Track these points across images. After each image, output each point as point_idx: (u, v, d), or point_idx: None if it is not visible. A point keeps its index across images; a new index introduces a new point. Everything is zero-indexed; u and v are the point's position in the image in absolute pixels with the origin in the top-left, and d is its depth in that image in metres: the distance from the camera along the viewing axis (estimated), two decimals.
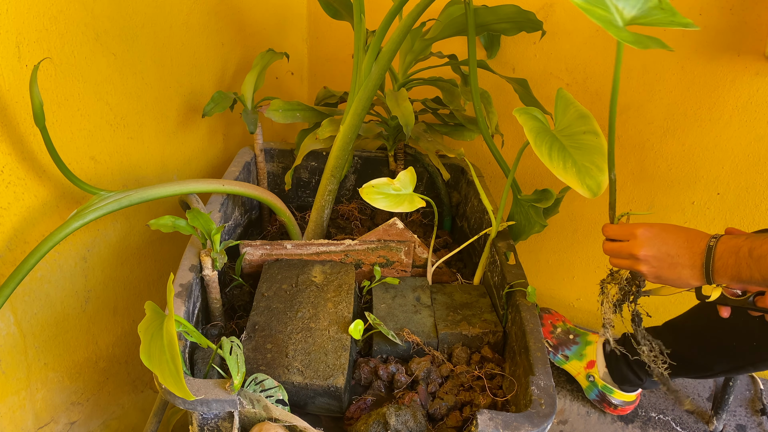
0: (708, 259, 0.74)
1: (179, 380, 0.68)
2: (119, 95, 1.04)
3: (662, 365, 0.85)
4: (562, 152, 0.84)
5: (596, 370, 1.27)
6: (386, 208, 1.00)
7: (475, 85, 1.04)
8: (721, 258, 0.73)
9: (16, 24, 0.82)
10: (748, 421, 1.31)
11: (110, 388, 1.21)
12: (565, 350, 1.33)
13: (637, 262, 0.78)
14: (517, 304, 0.94)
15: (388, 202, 1.00)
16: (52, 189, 0.95)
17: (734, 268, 0.72)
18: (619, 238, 0.81)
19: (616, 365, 1.24)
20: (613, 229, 0.82)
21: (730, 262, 0.72)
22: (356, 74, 1.06)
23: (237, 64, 1.35)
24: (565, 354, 1.33)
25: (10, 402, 0.99)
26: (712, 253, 0.74)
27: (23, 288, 0.95)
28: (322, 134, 1.15)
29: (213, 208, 1.08)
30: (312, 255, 1.09)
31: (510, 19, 1.03)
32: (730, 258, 0.72)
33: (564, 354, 1.33)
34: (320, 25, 1.54)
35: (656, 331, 1.17)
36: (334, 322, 0.95)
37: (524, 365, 0.85)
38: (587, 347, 1.31)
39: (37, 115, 0.81)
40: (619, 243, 0.80)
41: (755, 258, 0.69)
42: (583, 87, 1.27)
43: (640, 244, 0.77)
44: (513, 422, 0.72)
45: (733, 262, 0.72)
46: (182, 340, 0.84)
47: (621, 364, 1.23)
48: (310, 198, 1.38)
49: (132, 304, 1.21)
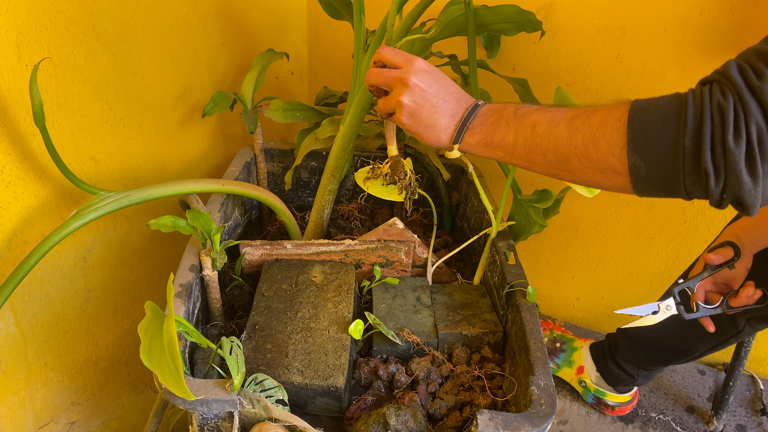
0: (471, 113, 0.69)
1: (179, 380, 0.68)
2: (119, 95, 1.04)
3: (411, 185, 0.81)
4: None
5: (587, 375, 1.28)
6: (380, 195, 1.00)
7: (475, 85, 1.04)
8: (483, 115, 0.68)
9: (16, 24, 0.82)
10: (748, 421, 1.31)
11: (110, 388, 1.21)
12: (554, 359, 1.34)
13: (404, 89, 0.70)
14: (517, 304, 0.94)
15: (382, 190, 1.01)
16: (52, 189, 0.95)
17: (491, 126, 0.67)
18: (394, 64, 0.73)
19: (606, 366, 1.25)
20: (391, 51, 0.74)
21: (490, 119, 0.67)
22: (356, 74, 1.06)
23: (237, 64, 1.35)
24: (555, 362, 1.34)
25: (10, 402, 0.99)
26: (476, 110, 0.69)
27: (23, 288, 0.95)
28: (322, 134, 1.15)
29: (213, 208, 1.08)
30: (312, 255, 1.09)
31: (510, 19, 1.03)
32: (492, 116, 0.68)
33: (554, 362, 1.34)
34: (320, 25, 1.54)
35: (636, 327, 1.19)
36: (334, 322, 0.95)
37: (524, 365, 0.85)
38: (574, 353, 1.32)
39: (37, 115, 0.81)
40: (390, 69, 0.73)
41: (518, 116, 0.65)
42: (583, 87, 1.27)
43: (416, 72, 0.70)
44: (513, 422, 0.72)
45: (494, 120, 0.67)
46: (182, 340, 0.84)
47: (610, 364, 1.23)
48: (310, 198, 1.38)
49: (132, 304, 1.21)
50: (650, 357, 1.17)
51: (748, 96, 0.47)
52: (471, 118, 0.69)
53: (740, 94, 0.47)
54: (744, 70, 0.49)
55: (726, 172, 0.49)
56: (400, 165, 0.80)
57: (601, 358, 1.25)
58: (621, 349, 1.21)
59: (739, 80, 0.48)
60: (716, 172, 0.49)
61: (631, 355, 1.19)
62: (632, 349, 1.19)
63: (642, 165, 0.53)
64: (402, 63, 0.73)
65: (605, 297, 1.48)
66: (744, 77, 0.48)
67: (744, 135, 0.47)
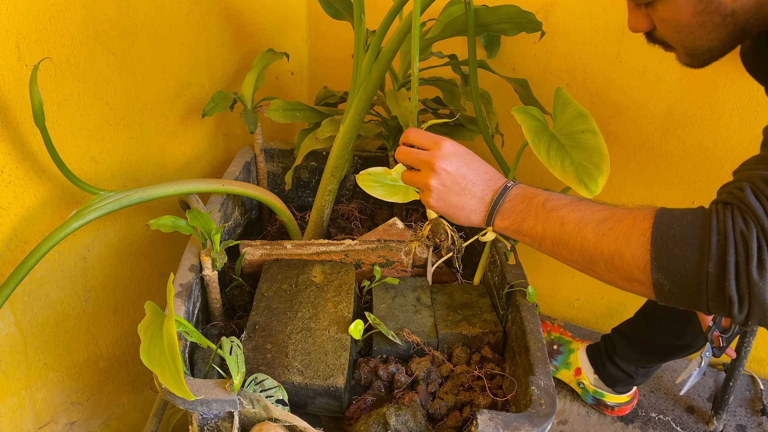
0: (500, 197, 0.69)
1: (179, 380, 0.68)
2: (119, 95, 1.04)
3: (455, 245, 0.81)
4: (560, 151, 0.84)
5: (585, 377, 1.28)
6: (381, 196, 1.00)
7: (475, 85, 1.04)
8: (513, 200, 0.68)
9: (16, 24, 0.82)
10: (748, 421, 1.31)
11: (110, 388, 1.21)
12: (552, 361, 1.34)
13: (431, 174, 0.70)
14: (517, 304, 0.94)
15: (384, 191, 1.01)
16: (52, 189, 0.95)
17: (521, 214, 0.67)
18: (421, 146, 0.72)
19: (603, 368, 1.25)
20: (418, 134, 0.73)
21: (519, 206, 0.68)
22: (356, 74, 1.06)
23: (237, 64, 1.35)
24: (553, 365, 1.34)
25: (10, 402, 0.99)
26: (506, 193, 0.69)
27: (23, 288, 0.95)
28: (322, 134, 1.15)
29: (213, 208, 1.08)
30: (312, 255, 1.09)
31: (510, 19, 1.03)
32: (521, 203, 0.68)
33: (552, 365, 1.34)
34: (320, 25, 1.54)
35: (630, 322, 1.20)
36: (334, 322, 0.95)
37: (524, 365, 0.85)
38: (571, 356, 1.32)
39: (37, 115, 0.81)
40: (418, 150, 0.72)
41: (547, 209, 0.65)
42: (583, 87, 1.27)
43: (443, 156, 0.70)
44: (513, 422, 0.72)
45: (523, 207, 0.67)
46: (182, 340, 0.84)
47: (607, 365, 1.24)
48: (310, 198, 1.38)
49: (132, 304, 1.21)
50: (649, 354, 1.17)
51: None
52: (501, 203, 0.69)
53: (762, 225, 0.47)
54: (760, 197, 0.48)
55: (750, 301, 0.49)
56: (441, 227, 0.79)
57: (598, 359, 1.26)
58: (618, 349, 1.21)
59: (760, 210, 0.48)
60: (740, 300, 0.49)
61: (629, 354, 1.20)
62: (630, 349, 1.19)
63: (665, 282, 0.53)
64: (430, 146, 0.72)
65: (605, 297, 1.48)
66: (763, 206, 0.48)
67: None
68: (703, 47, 0.68)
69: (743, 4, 0.62)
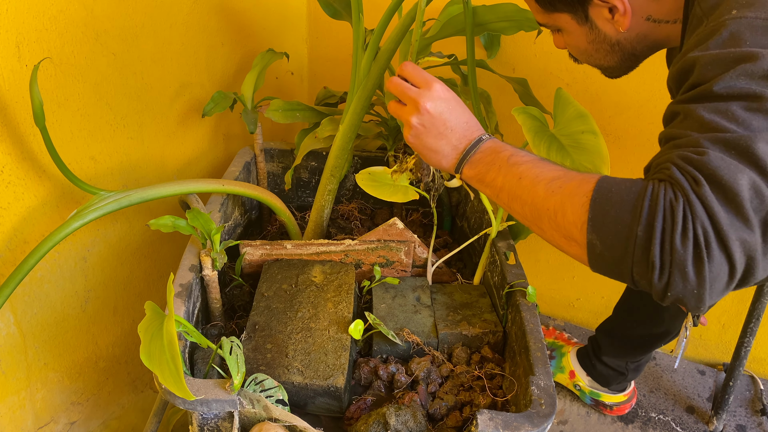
0: (472, 147, 0.71)
1: (179, 380, 0.68)
2: (119, 95, 1.04)
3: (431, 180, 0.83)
4: (560, 152, 0.84)
5: (579, 379, 1.29)
6: (381, 196, 1.01)
7: (474, 84, 1.04)
8: (483, 152, 0.70)
9: (16, 24, 0.82)
10: (748, 421, 1.31)
11: (110, 388, 1.21)
12: None
13: (414, 112, 0.72)
14: (517, 304, 0.94)
15: (383, 191, 1.01)
16: (52, 189, 0.95)
17: (486, 165, 0.69)
18: (414, 83, 0.74)
19: (594, 369, 1.26)
20: (413, 69, 0.75)
21: (487, 158, 0.70)
22: (355, 73, 1.06)
23: (237, 64, 1.35)
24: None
25: (10, 402, 0.99)
26: (479, 144, 0.71)
27: (23, 288, 0.95)
28: (321, 133, 1.15)
29: (213, 208, 1.08)
30: (312, 255, 1.09)
31: (509, 17, 1.03)
32: (489, 155, 0.70)
33: None
34: (320, 25, 1.54)
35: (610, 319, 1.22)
36: (334, 322, 0.95)
37: (524, 365, 0.85)
38: (563, 359, 1.33)
39: (37, 115, 0.81)
40: (409, 86, 0.74)
41: (510, 164, 0.67)
42: (583, 87, 1.27)
43: (430, 98, 0.71)
44: (513, 422, 0.72)
45: (490, 160, 0.69)
46: (182, 340, 0.84)
47: (597, 365, 1.25)
48: (310, 198, 1.38)
49: (132, 304, 1.21)
50: (633, 347, 1.19)
51: (693, 198, 0.50)
52: (472, 152, 0.71)
53: (688, 198, 0.50)
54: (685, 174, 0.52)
55: (671, 269, 0.51)
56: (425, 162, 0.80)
57: (588, 361, 1.27)
58: (604, 348, 1.23)
59: (686, 185, 0.51)
60: (662, 266, 0.51)
61: (615, 350, 1.22)
62: (614, 345, 1.21)
63: (597, 243, 0.55)
64: (421, 84, 0.73)
65: (605, 297, 1.48)
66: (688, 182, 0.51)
67: (691, 237, 0.50)
68: (604, 66, 0.80)
69: (626, 36, 0.72)
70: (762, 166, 0.50)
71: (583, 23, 0.73)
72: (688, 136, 0.54)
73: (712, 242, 0.49)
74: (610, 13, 0.70)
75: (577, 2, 0.71)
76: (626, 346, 1.19)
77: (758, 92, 0.51)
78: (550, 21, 0.77)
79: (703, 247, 0.49)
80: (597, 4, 0.69)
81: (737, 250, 0.49)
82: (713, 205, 0.49)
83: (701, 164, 0.51)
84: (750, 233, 0.49)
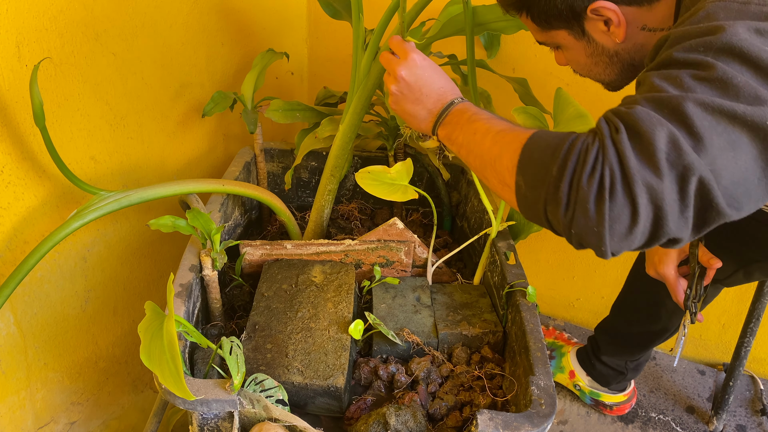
0: (444, 110, 0.76)
1: (179, 380, 0.68)
2: (119, 95, 1.04)
3: None
4: None
5: (579, 379, 1.30)
6: (380, 195, 1.01)
7: (474, 84, 1.04)
8: (453, 114, 0.75)
9: (16, 24, 0.82)
10: (748, 421, 1.31)
11: (110, 388, 1.21)
12: None
13: (393, 80, 0.79)
14: (517, 304, 0.94)
15: (383, 190, 1.01)
16: (52, 189, 0.95)
17: (454, 125, 0.74)
18: (395, 53, 0.81)
19: (593, 369, 1.27)
20: (397, 42, 0.81)
21: (455, 119, 0.74)
22: (355, 73, 1.06)
23: (237, 64, 1.35)
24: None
25: (10, 402, 0.99)
26: (450, 107, 0.76)
27: (23, 288, 0.95)
28: (321, 133, 1.15)
29: (213, 208, 1.08)
30: (312, 255, 1.09)
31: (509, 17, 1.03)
32: (456, 116, 0.74)
33: None
34: (320, 25, 1.54)
35: (608, 318, 1.22)
36: (334, 322, 0.95)
37: (524, 365, 0.85)
38: (563, 359, 1.33)
39: (37, 115, 0.81)
40: (392, 56, 0.81)
41: (470, 121, 0.71)
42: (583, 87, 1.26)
43: (406, 66, 0.78)
44: (513, 422, 0.72)
45: (456, 120, 0.74)
46: (182, 340, 0.84)
47: (597, 365, 1.25)
48: (310, 198, 1.38)
49: (132, 304, 1.21)
50: (631, 346, 1.19)
51: (608, 143, 0.52)
52: (444, 115, 0.76)
53: (603, 143, 0.52)
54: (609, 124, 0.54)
55: (575, 206, 0.53)
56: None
57: (587, 361, 1.28)
58: (603, 347, 1.23)
59: (606, 131, 0.53)
60: (567, 203, 0.54)
61: (614, 350, 1.22)
62: (613, 344, 1.22)
63: (522, 184, 0.58)
64: (401, 54, 0.80)
65: (605, 297, 1.48)
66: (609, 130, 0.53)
67: (597, 176, 0.51)
68: (605, 80, 0.83)
69: (624, 47, 0.74)
70: (687, 122, 0.50)
71: (581, 38, 0.75)
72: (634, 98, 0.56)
73: (617, 183, 0.51)
74: (605, 25, 0.72)
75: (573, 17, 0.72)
76: (625, 345, 1.20)
77: (710, 62, 0.52)
78: (548, 39, 0.79)
79: (608, 186, 0.51)
80: (592, 17, 0.71)
81: (642, 195, 0.50)
82: (625, 150, 0.51)
83: (626, 115, 0.53)
84: (658, 181, 0.50)
